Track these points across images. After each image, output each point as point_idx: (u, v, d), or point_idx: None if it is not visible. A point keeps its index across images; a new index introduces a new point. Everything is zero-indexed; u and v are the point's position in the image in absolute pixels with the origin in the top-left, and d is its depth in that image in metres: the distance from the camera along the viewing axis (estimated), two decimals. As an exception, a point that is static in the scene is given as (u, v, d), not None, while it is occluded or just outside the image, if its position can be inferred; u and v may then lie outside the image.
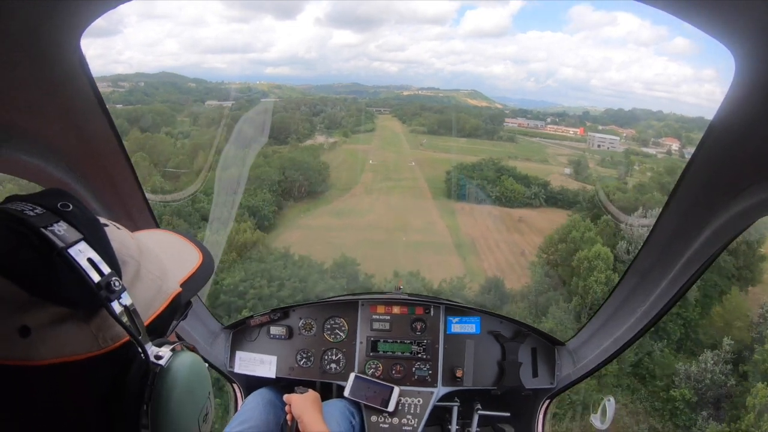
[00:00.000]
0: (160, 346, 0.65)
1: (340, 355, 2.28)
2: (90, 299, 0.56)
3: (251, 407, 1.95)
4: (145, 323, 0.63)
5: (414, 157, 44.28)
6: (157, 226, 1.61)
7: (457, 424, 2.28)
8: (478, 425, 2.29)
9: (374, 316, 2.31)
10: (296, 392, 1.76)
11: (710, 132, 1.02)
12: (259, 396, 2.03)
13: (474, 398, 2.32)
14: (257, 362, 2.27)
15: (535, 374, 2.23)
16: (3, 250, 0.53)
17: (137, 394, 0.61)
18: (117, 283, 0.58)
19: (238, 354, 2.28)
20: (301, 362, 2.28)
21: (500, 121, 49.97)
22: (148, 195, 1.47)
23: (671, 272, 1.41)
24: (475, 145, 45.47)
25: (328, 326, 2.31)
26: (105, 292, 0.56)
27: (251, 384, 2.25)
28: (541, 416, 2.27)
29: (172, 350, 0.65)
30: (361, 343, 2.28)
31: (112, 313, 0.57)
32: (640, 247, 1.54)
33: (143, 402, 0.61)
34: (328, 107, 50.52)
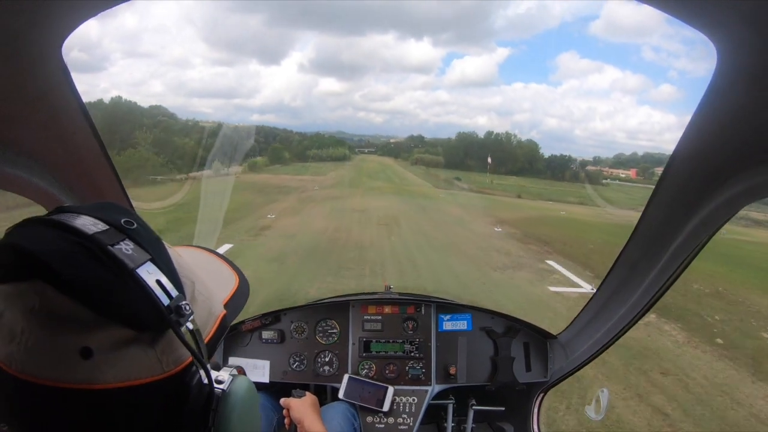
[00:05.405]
0: (216, 369, 0.65)
1: (333, 357, 2.27)
2: (159, 322, 0.54)
3: None
4: None
5: (487, 217, 16.44)
6: None
7: (452, 421, 2.30)
8: (474, 421, 2.31)
9: (366, 317, 2.31)
10: (293, 396, 1.73)
11: (694, 122, 1.03)
12: None
13: (468, 395, 2.33)
14: (250, 367, 2.24)
15: (528, 368, 2.26)
16: (68, 265, 0.49)
17: (201, 420, 0.60)
18: (187, 307, 0.56)
19: (231, 360, 2.25)
20: (294, 366, 2.26)
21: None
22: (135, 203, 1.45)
23: (659, 262, 1.43)
24: (555, 186, 27.46)
25: (320, 329, 2.30)
26: (175, 315, 0.55)
27: None
28: (535, 409, 2.29)
29: (231, 374, 0.65)
30: (353, 344, 2.27)
31: (181, 337, 0.55)
32: (627, 239, 1.57)
33: (207, 428, 0.60)
34: (292, 137, 36.82)
